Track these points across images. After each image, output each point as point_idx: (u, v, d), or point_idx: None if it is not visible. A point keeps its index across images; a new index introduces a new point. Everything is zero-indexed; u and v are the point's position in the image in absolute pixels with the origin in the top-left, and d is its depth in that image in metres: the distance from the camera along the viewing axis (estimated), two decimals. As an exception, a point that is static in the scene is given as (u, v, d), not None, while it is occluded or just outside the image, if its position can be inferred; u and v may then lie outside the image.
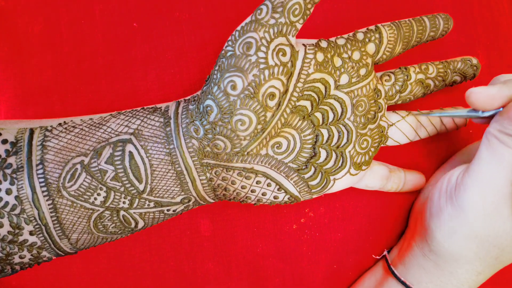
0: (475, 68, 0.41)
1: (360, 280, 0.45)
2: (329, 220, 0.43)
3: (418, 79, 0.39)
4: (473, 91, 0.35)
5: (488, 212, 0.35)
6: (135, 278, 0.42)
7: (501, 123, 0.34)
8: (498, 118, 0.35)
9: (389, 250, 0.45)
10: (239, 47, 0.33)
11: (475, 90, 0.35)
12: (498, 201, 0.35)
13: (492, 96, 0.34)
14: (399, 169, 0.43)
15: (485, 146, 0.35)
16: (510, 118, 0.33)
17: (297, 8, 0.33)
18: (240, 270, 0.43)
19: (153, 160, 0.34)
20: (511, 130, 0.33)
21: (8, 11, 0.40)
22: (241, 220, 0.43)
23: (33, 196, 0.32)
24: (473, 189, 0.35)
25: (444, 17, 0.40)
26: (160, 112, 0.35)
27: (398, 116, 0.40)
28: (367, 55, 0.37)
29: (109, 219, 0.34)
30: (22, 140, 0.33)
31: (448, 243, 0.37)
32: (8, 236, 0.32)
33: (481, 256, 0.37)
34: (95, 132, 0.34)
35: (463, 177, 0.36)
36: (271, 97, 0.34)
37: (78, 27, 0.40)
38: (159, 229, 0.42)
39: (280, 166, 0.36)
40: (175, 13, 0.41)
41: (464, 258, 0.37)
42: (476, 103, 0.35)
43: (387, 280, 0.42)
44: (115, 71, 0.41)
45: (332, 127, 0.37)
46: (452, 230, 0.37)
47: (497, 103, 0.34)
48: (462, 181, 0.36)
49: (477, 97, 0.35)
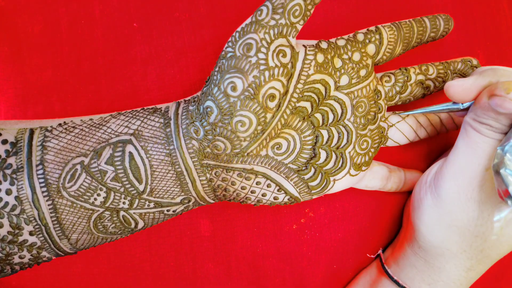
0: (475, 69, 0.41)
1: (355, 279, 0.45)
2: (329, 220, 0.43)
3: (418, 80, 0.39)
4: (451, 84, 0.36)
5: (464, 200, 0.36)
6: (135, 278, 0.42)
7: (475, 112, 0.35)
8: (472, 107, 0.36)
9: (383, 249, 0.45)
10: (239, 48, 0.33)
11: (453, 83, 0.35)
12: (474, 189, 0.35)
13: (468, 87, 0.35)
14: (399, 169, 0.43)
15: (462, 136, 0.36)
16: (481, 106, 0.34)
17: (298, 9, 0.33)
18: (240, 270, 0.43)
19: (153, 160, 0.34)
20: (483, 118, 0.34)
21: (8, 11, 0.40)
22: (241, 220, 0.43)
23: (33, 196, 0.32)
24: (450, 177, 0.36)
25: (445, 18, 0.40)
26: (160, 112, 0.35)
27: (398, 117, 0.40)
28: (367, 56, 0.37)
29: (109, 220, 0.34)
30: (22, 141, 0.33)
31: (431, 235, 0.38)
32: (8, 236, 0.32)
33: (465, 248, 0.37)
34: (95, 133, 0.34)
35: (441, 168, 0.38)
36: (271, 98, 0.34)
37: (78, 27, 0.40)
38: (159, 229, 0.42)
39: (280, 167, 0.36)
40: (175, 13, 0.41)
41: (449, 250, 0.38)
42: (454, 95, 0.36)
43: (381, 280, 0.42)
44: (115, 71, 0.41)
45: (332, 128, 0.37)
46: (433, 221, 0.37)
47: (473, 94, 0.35)
48: (441, 171, 0.37)
49: (454, 89, 0.35)
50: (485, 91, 0.34)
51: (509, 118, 0.33)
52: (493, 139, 0.34)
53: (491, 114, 0.34)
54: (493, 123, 0.34)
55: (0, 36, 0.40)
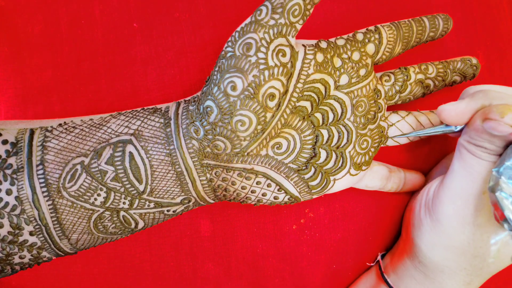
0: (474, 68, 0.41)
1: (354, 284, 0.45)
2: (329, 220, 0.43)
3: (418, 79, 0.39)
4: (443, 108, 0.36)
5: (462, 223, 0.36)
6: (135, 278, 0.42)
7: (468, 134, 0.35)
8: (466, 130, 0.36)
9: (383, 254, 0.45)
10: (239, 48, 0.33)
11: (445, 107, 0.36)
12: (471, 213, 0.35)
13: (461, 111, 0.35)
14: (399, 169, 0.43)
15: (457, 158, 0.36)
16: (475, 129, 0.34)
17: (297, 8, 0.33)
18: (240, 270, 0.43)
19: (153, 160, 0.34)
20: (477, 141, 0.34)
21: (8, 11, 0.40)
22: (241, 220, 0.43)
23: (33, 196, 0.32)
24: (447, 201, 0.36)
25: (444, 17, 0.40)
26: (160, 112, 0.35)
27: (398, 116, 0.40)
28: (367, 56, 0.37)
29: (109, 220, 0.34)
30: (23, 141, 0.33)
31: (431, 254, 0.38)
32: (8, 236, 0.32)
33: (465, 266, 0.37)
34: (95, 133, 0.34)
35: (438, 190, 0.38)
36: (271, 97, 0.34)
37: (78, 27, 0.40)
38: (159, 229, 0.42)
39: (280, 166, 0.36)
40: (175, 13, 0.41)
41: (448, 268, 0.38)
42: (447, 119, 0.36)
43: (380, 287, 0.42)
44: (115, 71, 0.41)
45: (332, 127, 0.37)
46: (433, 242, 0.38)
47: (466, 117, 0.35)
48: (438, 193, 0.37)
49: (447, 113, 0.35)
50: (478, 114, 0.34)
51: (503, 140, 0.33)
52: (488, 161, 0.34)
53: (485, 137, 0.34)
54: (487, 145, 0.34)
55: (0, 36, 0.40)
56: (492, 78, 0.45)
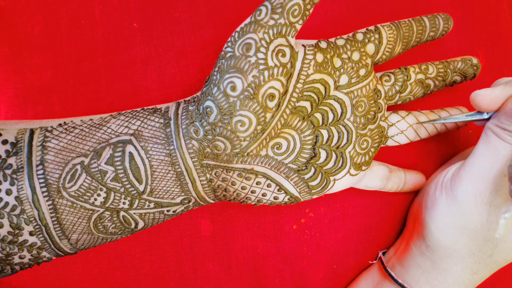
0: (475, 68, 0.41)
1: (355, 282, 0.45)
2: (329, 220, 0.43)
3: (418, 79, 0.39)
4: (478, 93, 0.36)
5: (480, 203, 0.36)
6: (136, 278, 0.42)
7: (498, 118, 0.35)
8: (496, 114, 0.36)
9: (384, 251, 0.45)
10: (239, 48, 0.33)
11: (480, 92, 0.35)
12: (490, 193, 0.35)
13: (496, 96, 0.35)
14: (399, 169, 0.43)
15: (483, 141, 0.36)
16: (506, 113, 0.34)
17: (297, 8, 0.33)
18: (240, 270, 0.43)
19: (153, 161, 0.34)
20: (507, 125, 0.34)
21: (8, 11, 0.40)
22: (241, 220, 0.43)
23: (33, 196, 0.32)
24: (468, 179, 0.36)
25: (444, 17, 0.40)
26: (160, 113, 0.35)
27: (398, 116, 0.40)
28: (367, 56, 0.37)
29: (109, 220, 0.34)
30: (22, 141, 0.33)
31: (442, 236, 0.38)
32: (8, 236, 0.32)
33: (475, 251, 0.37)
34: (95, 133, 0.34)
35: (459, 170, 0.37)
36: (271, 98, 0.34)
37: (78, 27, 0.40)
38: (159, 229, 0.42)
39: (280, 166, 0.36)
40: (175, 13, 0.41)
41: (457, 252, 0.38)
42: (481, 105, 0.36)
43: (384, 282, 0.42)
44: (115, 71, 0.41)
45: (332, 127, 0.37)
46: (445, 221, 0.37)
47: (500, 102, 0.35)
48: (458, 173, 0.37)
49: (482, 99, 0.35)
50: (510, 99, 0.34)
51: None
52: None
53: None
54: None
55: (0, 36, 0.40)
56: (492, 78, 0.45)
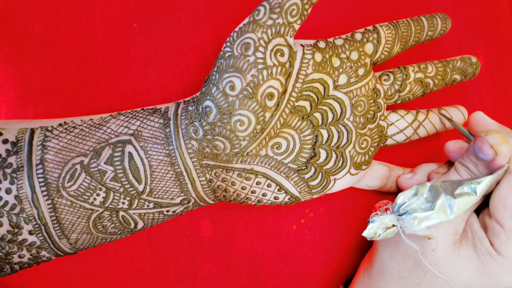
0: (474, 67, 0.41)
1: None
2: (329, 220, 0.43)
3: (417, 78, 0.39)
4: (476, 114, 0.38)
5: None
6: (136, 278, 0.42)
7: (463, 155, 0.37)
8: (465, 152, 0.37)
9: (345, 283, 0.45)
10: (237, 48, 0.33)
11: (480, 114, 0.38)
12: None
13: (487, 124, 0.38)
14: (399, 168, 0.42)
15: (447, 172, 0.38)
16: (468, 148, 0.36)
17: (295, 8, 0.33)
18: (240, 271, 0.43)
19: (152, 161, 0.34)
20: (466, 161, 0.36)
21: (8, 11, 0.40)
22: (241, 220, 0.43)
23: (32, 195, 0.32)
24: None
25: (442, 17, 0.40)
26: (160, 113, 0.35)
27: (397, 115, 0.40)
28: (366, 55, 0.37)
29: (108, 220, 0.34)
30: (23, 140, 0.33)
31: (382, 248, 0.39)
32: (8, 235, 0.32)
33: (404, 275, 0.38)
34: (95, 133, 0.34)
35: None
36: (270, 97, 0.34)
37: (78, 27, 0.40)
38: (159, 229, 0.42)
39: (280, 166, 0.36)
40: (175, 13, 0.41)
41: (389, 271, 0.38)
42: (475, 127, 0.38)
43: None
44: (115, 71, 0.41)
45: (332, 127, 0.37)
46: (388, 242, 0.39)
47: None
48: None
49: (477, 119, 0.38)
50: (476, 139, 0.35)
51: (486, 167, 0.35)
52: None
53: (473, 158, 0.35)
54: (471, 167, 0.36)
55: (0, 36, 0.40)
56: (492, 78, 0.45)
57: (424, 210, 0.34)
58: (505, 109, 0.46)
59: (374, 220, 0.35)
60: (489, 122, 0.37)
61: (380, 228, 0.35)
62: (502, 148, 0.34)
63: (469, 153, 0.36)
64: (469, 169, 0.36)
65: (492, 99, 0.46)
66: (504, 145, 0.34)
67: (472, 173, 0.36)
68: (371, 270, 0.40)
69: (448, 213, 0.34)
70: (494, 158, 0.34)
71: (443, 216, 0.34)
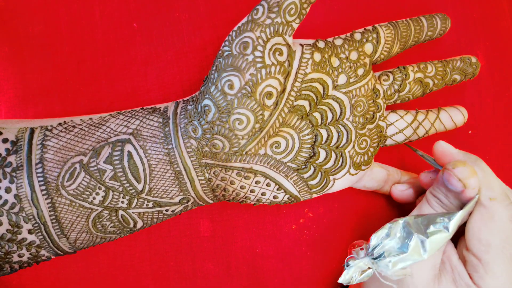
0: (474, 67, 0.41)
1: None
2: (328, 220, 0.43)
3: (417, 78, 0.39)
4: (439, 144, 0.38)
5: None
6: (135, 278, 0.42)
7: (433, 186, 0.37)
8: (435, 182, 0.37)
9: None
10: (236, 47, 0.33)
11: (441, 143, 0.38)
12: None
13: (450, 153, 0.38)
14: (397, 172, 0.42)
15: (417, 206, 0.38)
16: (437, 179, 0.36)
17: (293, 7, 0.33)
18: (240, 270, 0.43)
19: (151, 160, 0.34)
20: (436, 192, 0.36)
21: (8, 11, 0.40)
22: (241, 220, 0.43)
23: (32, 194, 0.32)
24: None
25: (442, 17, 0.40)
26: (159, 112, 0.35)
27: (397, 115, 0.40)
28: (365, 55, 0.37)
29: (107, 219, 0.34)
30: (23, 139, 0.33)
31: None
32: (7, 234, 0.32)
33: None
34: (95, 132, 0.34)
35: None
36: (269, 96, 0.34)
37: (78, 27, 0.41)
38: (159, 229, 0.42)
39: (279, 165, 0.36)
40: (175, 13, 0.41)
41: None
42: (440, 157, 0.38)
43: None
44: (115, 71, 0.41)
45: (331, 127, 0.37)
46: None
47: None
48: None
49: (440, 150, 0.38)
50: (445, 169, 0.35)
51: (457, 198, 0.35)
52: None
53: (442, 189, 0.36)
54: (442, 198, 0.36)
55: (0, 36, 0.40)
56: (492, 78, 0.45)
57: (398, 252, 0.34)
58: (505, 109, 0.46)
59: (350, 265, 0.35)
60: (453, 152, 0.37)
61: (356, 272, 0.35)
62: (471, 181, 0.34)
63: (439, 184, 0.36)
64: (440, 200, 0.36)
65: (492, 99, 0.46)
66: (472, 178, 0.34)
67: (443, 204, 0.36)
68: None
69: (422, 253, 0.34)
70: (463, 190, 0.34)
71: (417, 257, 0.34)
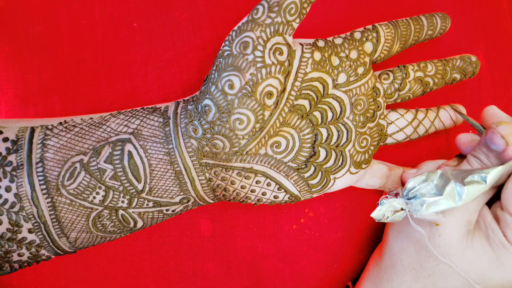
0: (474, 66, 0.41)
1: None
2: (329, 220, 0.43)
3: (417, 77, 0.39)
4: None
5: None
6: (135, 278, 0.42)
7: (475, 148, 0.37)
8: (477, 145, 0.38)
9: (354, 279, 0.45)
10: (236, 47, 0.33)
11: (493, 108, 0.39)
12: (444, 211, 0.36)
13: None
14: (399, 168, 0.42)
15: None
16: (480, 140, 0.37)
17: (293, 7, 0.33)
18: (240, 270, 0.43)
19: (152, 159, 0.34)
20: (478, 152, 0.37)
21: (8, 11, 0.40)
22: (241, 220, 0.43)
23: (32, 194, 0.32)
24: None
25: (442, 16, 0.40)
26: (160, 112, 0.35)
27: (397, 114, 0.40)
28: (365, 54, 0.37)
29: (107, 218, 0.34)
30: (23, 139, 0.33)
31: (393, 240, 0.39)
32: (7, 233, 0.32)
33: (415, 266, 0.38)
34: (95, 132, 0.34)
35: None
36: (269, 95, 0.34)
37: (78, 27, 0.41)
38: (159, 229, 0.42)
39: (279, 165, 0.36)
40: (175, 13, 0.41)
41: (401, 263, 0.38)
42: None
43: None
44: (115, 71, 0.41)
45: (331, 126, 0.37)
46: (400, 226, 0.39)
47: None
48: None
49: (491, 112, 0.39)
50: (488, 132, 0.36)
51: (498, 158, 0.35)
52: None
53: (484, 150, 0.36)
54: (483, 158, 0.36)
55: (0, 36, 0.40)
56: (492, 78, 0.45)
57: (433, 195, 0.34)
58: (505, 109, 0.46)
59: (383, 203, 0.35)
60: (501, 115, 0.37)
61: (389, 211, 0.35)
62: None
63: (481, 144, 0.36)
64: (481, 160, 0.36)
65: (492, 99, 0.46)
66: None
67: (483, 164, 0.36)
68: (381, 263, 0.40)
69: (457, 200, 0.34)
70: (505, 148, 0.34)
71: (452, 203, 0.34)
